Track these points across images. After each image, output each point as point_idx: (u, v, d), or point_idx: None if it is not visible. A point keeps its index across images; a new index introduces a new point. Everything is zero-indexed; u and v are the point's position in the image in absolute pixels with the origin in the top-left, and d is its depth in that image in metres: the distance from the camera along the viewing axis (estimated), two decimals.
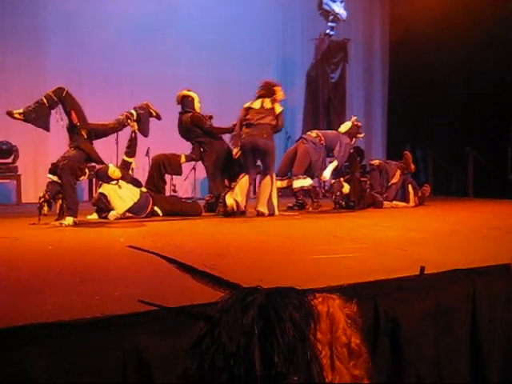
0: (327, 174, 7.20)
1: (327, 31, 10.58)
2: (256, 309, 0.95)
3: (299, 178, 7.03)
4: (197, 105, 6.91)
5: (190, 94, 6.90)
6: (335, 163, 7.20)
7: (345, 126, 7.67)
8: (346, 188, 7.38)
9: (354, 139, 7.66)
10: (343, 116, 10.72)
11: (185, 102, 6.91)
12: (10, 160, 8.60)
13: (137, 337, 1.92)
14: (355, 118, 7.95)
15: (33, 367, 1.75)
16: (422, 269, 2.64)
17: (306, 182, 7.05)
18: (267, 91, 6.53)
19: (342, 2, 10.58)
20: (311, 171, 7.15)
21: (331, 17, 10.56)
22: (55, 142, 9.29)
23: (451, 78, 9.64)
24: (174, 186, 9.40)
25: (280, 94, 6.55)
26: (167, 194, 8.08)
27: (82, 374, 1.83)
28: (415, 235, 4.60)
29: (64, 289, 2.59)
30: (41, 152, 9.28)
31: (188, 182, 10.12)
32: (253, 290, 1.01)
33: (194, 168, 10.09)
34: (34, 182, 9.27)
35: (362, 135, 7.92)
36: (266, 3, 10.53)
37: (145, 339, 1.92)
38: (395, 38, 10.99)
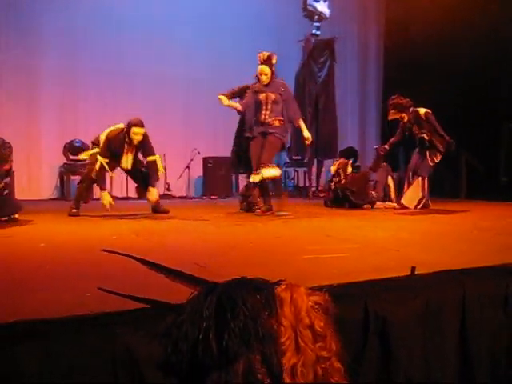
0: (307, 133, 6.79)
1: (313, 31, 10.58)
2: (215, 296, 1.04)
3: (268, 167, 6.56)
4: None
5: None
6: (301, 122, 6.78)
7: None
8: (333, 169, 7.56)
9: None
10: (334, 114, 10.70)
11: None
12: None
13: (127, 334, 1.93)
14: None
15: (24, 364, 1.75)
16: (413, 269, 2.66)
17: (276, 171, 6.67)
18: None
19: (325, 1, 10.58)
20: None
21: (316, 16, 10.55)
22: (48, 139, 9.30)
23: (444, 80, 9.67)
24: (168, 185, 9.40)
25: None
26: (161, 192, 8.09)
27: (72, 371, 1.84)
28: (406, 236, 4.63)
29: (55, 286, 2.59)
30: (34, 149, 9.27)
31: (182, 181, 10.13)
32: (218, 283, 1.10)
33: (187, 167, 10.11)
34: (28, 179, 9.26)
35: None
36: (255, 6, 10.50)
37: (135, 336, 1.92)
38: (390, 36, 11.02)
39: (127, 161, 6.24)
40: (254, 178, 6.49)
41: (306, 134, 6.72)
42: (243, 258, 3.53)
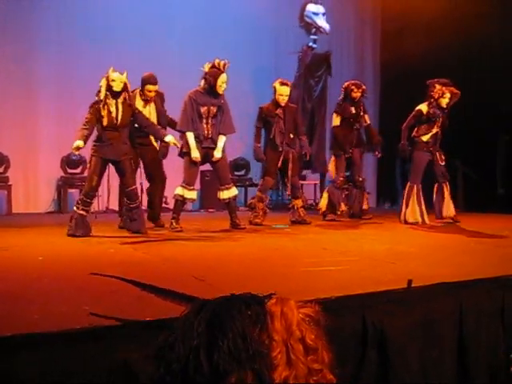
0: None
1: (310, 44, 10.53)
2: (205, 315, 1.06)
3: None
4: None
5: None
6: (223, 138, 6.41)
7: None
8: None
9: None
10: (325, 128, 10.74)
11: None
12: (0, 170, 8.57)
13: (124, 348, 1.93)
14: None
15: (23, 376, 1.76)
16: (410, 282, 2.67)
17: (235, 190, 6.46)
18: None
19: (324, 14, 10.51)
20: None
21: (313, 29, 10.50)
22: (46, 152, 9.29)
23: None
24: (166, 198, 9.37)
25: None
26: None
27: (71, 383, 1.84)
28: (403, 248, 4.63)
29: (53, 299, 2.59)
30: (32, 162, 9.24)
31: None
32: (208, 300, 1.12)
33: None
34: (25, 193, 9.23)
35: None
36: (248, 15, 10.46)
37: (132, 350, 1.93)
38: (386, 50, 11.06)
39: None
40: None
41: None
42: (241, 271, 3.53)
